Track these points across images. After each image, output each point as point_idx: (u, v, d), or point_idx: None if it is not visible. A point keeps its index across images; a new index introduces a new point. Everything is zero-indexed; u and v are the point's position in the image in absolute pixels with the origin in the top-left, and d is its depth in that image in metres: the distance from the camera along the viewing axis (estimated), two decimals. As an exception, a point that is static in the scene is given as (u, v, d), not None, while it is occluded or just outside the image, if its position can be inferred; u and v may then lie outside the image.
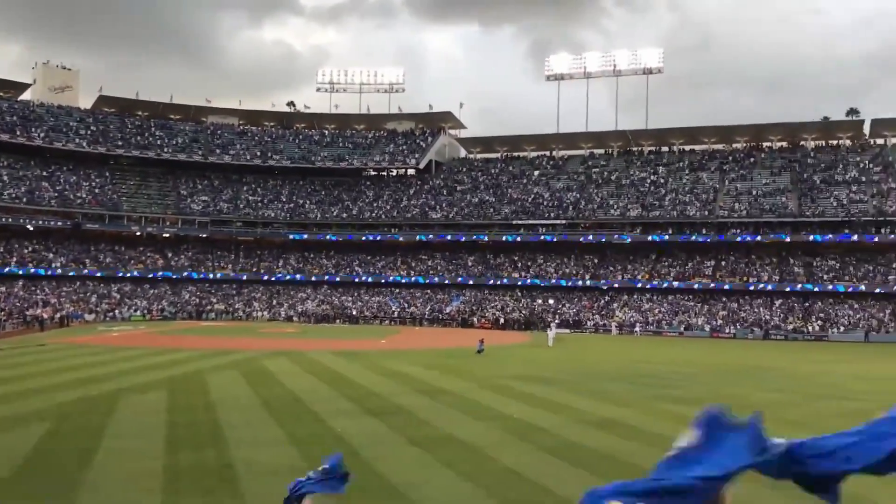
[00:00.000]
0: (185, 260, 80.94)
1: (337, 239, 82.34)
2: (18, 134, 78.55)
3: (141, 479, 12.97)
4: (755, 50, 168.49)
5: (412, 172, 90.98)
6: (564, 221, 77.69)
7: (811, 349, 51.46)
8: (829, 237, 68.92)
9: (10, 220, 72.16)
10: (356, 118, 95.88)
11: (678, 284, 71.82)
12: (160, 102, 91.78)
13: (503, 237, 78.37)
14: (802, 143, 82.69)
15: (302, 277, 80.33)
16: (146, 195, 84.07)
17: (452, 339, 51.43)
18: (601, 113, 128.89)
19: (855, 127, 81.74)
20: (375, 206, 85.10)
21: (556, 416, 20.12)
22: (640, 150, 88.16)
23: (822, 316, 65.91)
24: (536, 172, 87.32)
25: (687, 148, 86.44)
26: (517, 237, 77.99)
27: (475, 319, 70.63)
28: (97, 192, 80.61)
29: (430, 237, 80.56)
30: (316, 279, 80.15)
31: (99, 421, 18.37)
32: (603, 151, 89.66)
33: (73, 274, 72.72)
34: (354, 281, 79.70)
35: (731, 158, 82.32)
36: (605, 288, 73.79)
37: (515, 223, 78.59)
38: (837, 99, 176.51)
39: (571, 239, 76.71)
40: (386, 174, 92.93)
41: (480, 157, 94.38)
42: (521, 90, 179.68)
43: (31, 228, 73.92)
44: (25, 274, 70.03)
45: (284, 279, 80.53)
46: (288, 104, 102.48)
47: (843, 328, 63.58)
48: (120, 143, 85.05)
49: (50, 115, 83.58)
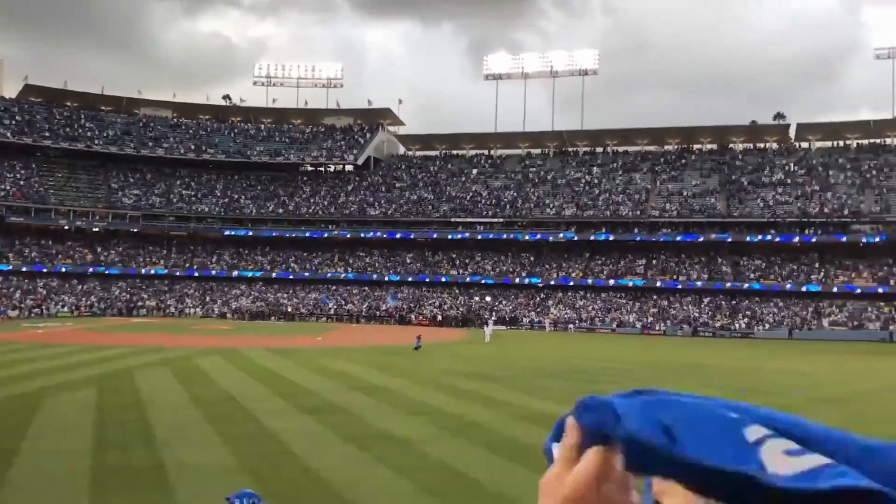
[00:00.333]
0: (115, 255, 78.86)
1: (273, 235, 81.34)
2: (-63, 122, 75.44)
3: (67, 479, 12.63)
4: (687, 54, 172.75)
5: (350, 168, 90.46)
6: (502, 220, 78.38)
7: (738, 346, 53.07)
8: (755, 237, 71.19)
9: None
10: (293, 113, 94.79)
11: (611, 282, 73.23)
12: (90, 93, 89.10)
13: (441, 235, 78.60)
14: (731, 145, 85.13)
15: (236, 273, 79.12)
16: (75, 188, 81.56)
17: (390, 336, 51.38)
18: (538, 113, 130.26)
19: (781, 131, 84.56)
20: (312, 202, 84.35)
21: (491, 411, 20.33)
22: (575, 150, 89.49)
23: (748, 314, 68.03)
24: (475, 171, 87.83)
25: (620, 149, 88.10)
26: (455, 235, 78.32)
27: (413, 316, 70.70)
28: (22, 184, 77.85)
29: (367, 234, 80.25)
30: (251, 275, 79.05)
31: (23, 420, 17.78)
32: (540, 151, 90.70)
33: (-5, 269, 70.22)
34: (290, 278, 78.87)
35: (662, 160, 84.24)
36: (540, 285, 74.71)
37: (454, 221, 78.92)
38: (765, 103, 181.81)
39: (509, 237, 77.43)
40: (323, 170, 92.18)
41: (419, 154, 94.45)
42: (460, 88, 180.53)
43: (-50, 221, 71.15)
44: (-56, 268, 67.37)
45: (218, 275, 79.17)
46: (224, 97, 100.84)
47: (768, 325, 65.75)
48: (47, 133, 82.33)
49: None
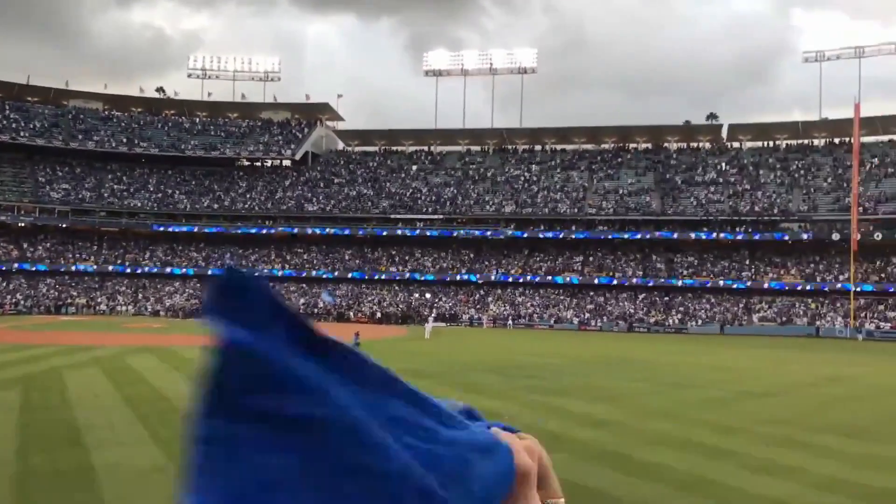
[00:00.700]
0: (42, 251, 76.32)
1: (207, 230, 79.78)
2: None
3: (-11, 484, 12.12)
4: (624, 54, 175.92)
5: (288, 164, 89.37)
6: (442, 216, 78.48)
7: (672, 341, 54.21)
8: (688, 235, 72.90)
9: None
10: (229, 106, 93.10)
11: (549, 279, 74.06)
12: (15, 83, 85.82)
13: (381, 231, 78.29)
14: (665, 144, 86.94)
15: (170, 270, 77.39)
16: (-1, 181, 78.68)
17: (328, 333, 50.85)
18: (478, 110, 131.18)
19: (714, 131, 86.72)
20: (249, 197, 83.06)
21: (430, 409, 20.26)
22: (514, 148, 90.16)
23: (681, 310, 69.62)
24: (415, 167, 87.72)
25: (559, 147, 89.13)
26: (395, 231, 78.10)
27: (352, 314, 70.27)
28: (-59, 176, 74.76)
29: (305, 230, 79.41)
30: (185, 272, 77.43)
31: (-59, 424, 17.02)
32: (479, 148, 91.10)
33: (-88, 265, 67.24)
34: (226, 274, 77.35)
35: (599, 158, 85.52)
36: (480, 282, 75.08)
37: (393, 217, 78.68)
38: (699, 103, 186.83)
39: (449, 234, 77.57)
40: (260, 165, 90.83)
41: (358, 149, 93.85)
42: (399, 84, 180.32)
43: None
44: None
45: (151, 272, 77.33)
46: (157, 90, 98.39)
47: (700, 321, 67.40)
48: (-32, 124, 79.18)
49: None
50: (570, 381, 27.22)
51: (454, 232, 77.50)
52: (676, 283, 71.61)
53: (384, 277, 76.34)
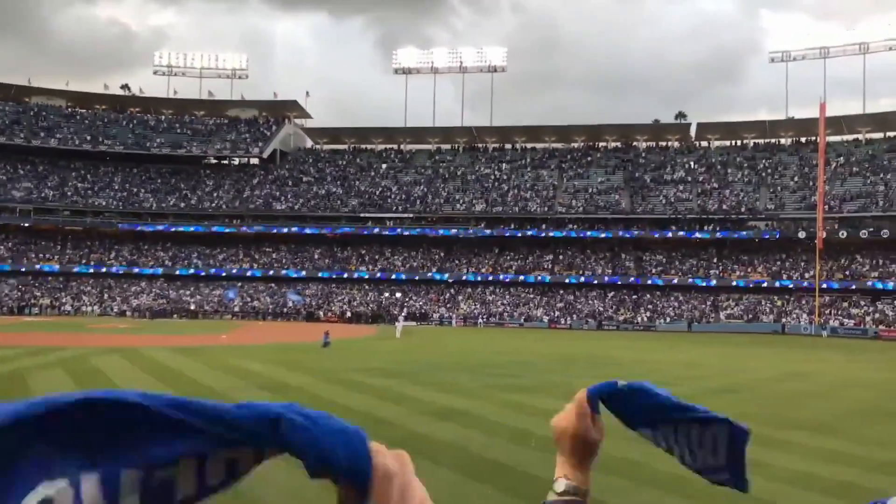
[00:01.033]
0: (4, 251, 74.93)
1: (174, 229, 78.83)
2: None
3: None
4: (593, 53, 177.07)
5: (256, 162, 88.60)
6: (412, 215, 78.32)
7: (640, 338, 54.64)
8: (657, 233, 73.53)
9: None
10: (196, 104, 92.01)
11: (520, 278, 74.25)
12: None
13: (350, 230, 77.93)
14: (635, 143, 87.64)
15: (136, 270, 76.37)
16: (-42, 180, 77.09)
17: (297, 333, 50.56)
18: (448, 108, 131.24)
19: (682, 130, 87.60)
20: (216, 195, 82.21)
21: (399, 407, 20.18)
22: (484, 146, 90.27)
23: (650, 307, 70.20)
24: (384, 165, 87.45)
25: (529, 146, 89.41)
26: (365, 230, 77.79)
27: (321, 313, 69.88)
28: None
29: (274, 229, 78.80)
30: (151, 272, 76.45)
31: None
32: (450, 147, 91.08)
33: None
34: (193, 274, 76.66)
35: (569, 157, 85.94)
36: (451, 281, 75.06)
37: (363, 216, 78.37)
38: (667, 103, 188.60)
39: (419, 233, 77.43)
40: (228, 163, 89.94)
41: (328, 148, 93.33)
42: (369, 82, 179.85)
43: None
44: None
45: (117, 272, 76.24)
46: (122, 87, 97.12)
47: (668, 319, 68.02)
48: (-74, 121, 77.48)
49: None
50: (540, 378, 27.27)
51: (424, 231, 77.40)
52: (645, 281, 72.20)
53: (354, 277, 76.01)
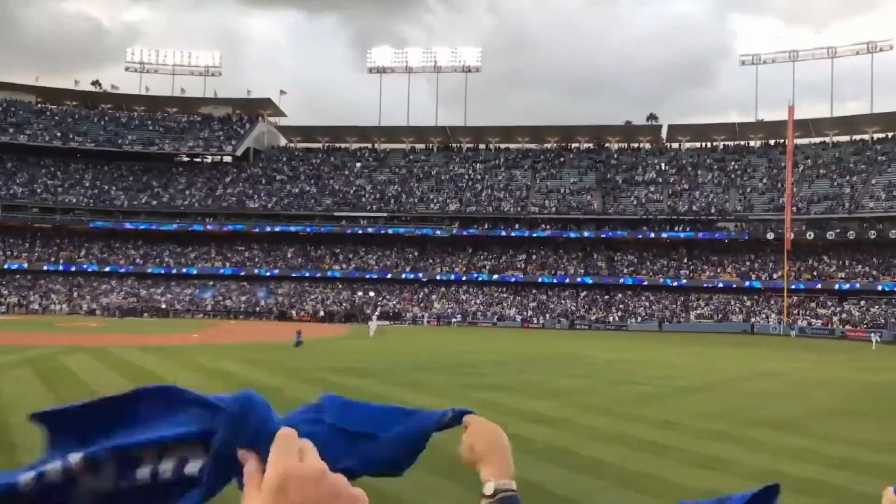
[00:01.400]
0: (-30, 248, 73.66)
1: (145, 227, 78.04)
2: None
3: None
4: (567, 54, 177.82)
5: (229, 160, 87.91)
6: (386, 214, 78.23)
7: (612, 338, 55.11)
8: (628, 234, 74.19)
9: None
10: (168, 101, 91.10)
11: (493, 277, 74.51)
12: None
13: (324, 229, 77.66)
14: (607, 144, 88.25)
15: (107, 268, 75.49)
16: (-77, 176, 75.67)
17: (269, 332, 50.34)
18: (422, 107, 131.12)
19: (654, 131, 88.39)
20: (188, 193, 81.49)
21: (372, 407, 20.21)
22: (459, 146, 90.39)
23: (622, 307, 70.81)
24: (358, 164, 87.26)
25: (502, 146, 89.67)
26: (338, 229, 77.58)
27: (294, 312, 69.57)
28: None
29: (247, 227, 78.30)
30: (122, 270, 75.62)
31: None
32: (424, 146, 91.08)
33: None
34: (164, 272, 75.95)
35: (542, 157, 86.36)
36: (424, 280, 75.12)
37: (337, 215, 78.13)
38: (639, 104, 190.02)
39: (393, 232, 77.37)
40: (200, 160, 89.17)
41: (301, 146, 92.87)
42: (343, 80, 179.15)
43: None
44: None
45: (87, 270, 75.30)
46: (93, 83, 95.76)
47: (640, 318, 68.66)
48: None
49: None
50: (513, 378, 27.45)
51: (398, 230, 77.38)
52: (617, 281, 72.80)
53: (327, 276, 75.77)
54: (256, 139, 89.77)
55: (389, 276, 75.39)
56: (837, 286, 67.08)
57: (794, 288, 67.22)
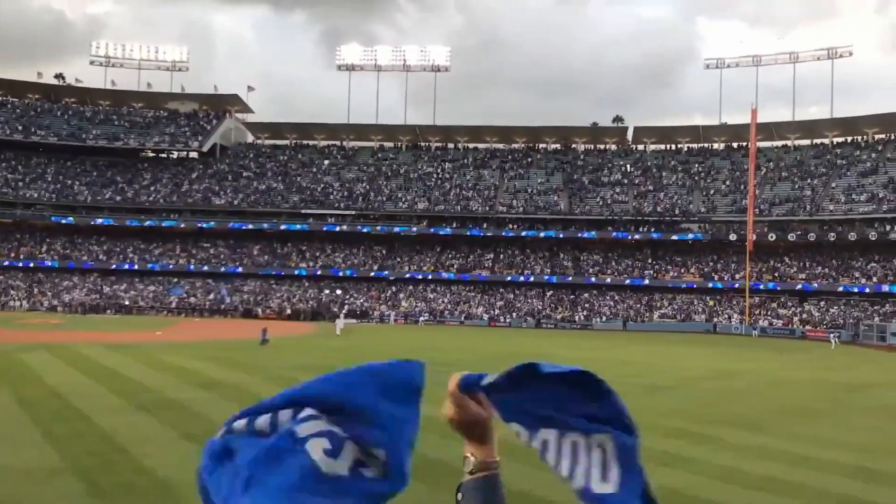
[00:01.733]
0: (-74, 243, 71.99)
1: (109, 223, 76.87)
2: None
3: None
4: (535, 55, 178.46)
5: (195, 156, 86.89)
6: (354, 212, 77.95)
7: (577, 337, 55.50)
8: (594, 234, 74.78)
9: None
10: (134, 95, 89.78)
11: (461, 276, 74.64)
12: None
13: (291, 226, 77.16)
14: (574, 145, 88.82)
15: (69, 264, 74.25)
16: None
17: (235, 330, 49.90)
18: (391, 106, 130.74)
19: (619, 133, 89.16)
20: (153, 189, 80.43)
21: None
22: (427, 145, 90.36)
23: (587, 306, 71.36)
24: (326, 162, 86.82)
25: (471, 145, 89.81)
26: (306, 226, 77.13)
27: (259, 310, 69.02)
28: None
29: (212, 224, 77.51)
30: (84, 266, 74.41)
31: None
32: (392, 145, 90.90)
33: None
34: (128, 269, 74.88)
35: (510, 158, 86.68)
36: (392, 278, 74.98)
37: (304, 212, 77.67)
38: (606, 106, 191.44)
39: (360, 230, 77.11)
40: (166, 156, 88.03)
41: (269, 143, 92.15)
42: (312, 78, 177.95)
43: None
44: None
45: (48, 266, 73.98)
46: (56, 76, 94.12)
47: (605, 318, 69.25)
48: None
49: None
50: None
51: (366, 228, 77.15)
52: (582, 280, 73.34)
53: (294, 273, 75.28)
54: (223, 135, 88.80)
55: (356, 274, 75.15)
56: (798, 287, 68.28)
57: (755, 288, 68.26)
